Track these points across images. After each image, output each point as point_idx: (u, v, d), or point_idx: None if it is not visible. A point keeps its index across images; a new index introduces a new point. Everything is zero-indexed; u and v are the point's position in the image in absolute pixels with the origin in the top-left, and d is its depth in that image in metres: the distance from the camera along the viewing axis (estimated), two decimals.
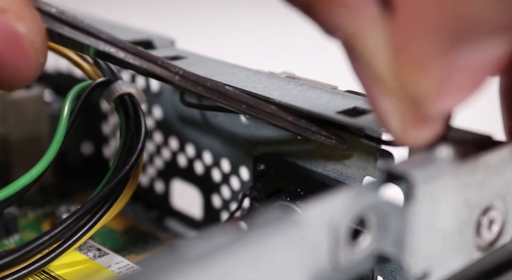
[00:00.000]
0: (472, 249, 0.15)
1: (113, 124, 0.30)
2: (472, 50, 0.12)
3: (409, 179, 0.13)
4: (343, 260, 0.13)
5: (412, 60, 0.12)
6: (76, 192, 0.29)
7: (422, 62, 0.12)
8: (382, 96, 0.13)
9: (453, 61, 0.12)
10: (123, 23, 0.27)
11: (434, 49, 0.11)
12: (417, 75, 0.12)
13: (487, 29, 0.11)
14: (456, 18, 0.11)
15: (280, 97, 0.19)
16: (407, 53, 0.12)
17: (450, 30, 0.11)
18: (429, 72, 0.12)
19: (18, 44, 0.15)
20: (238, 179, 0.25)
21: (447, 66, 0.12)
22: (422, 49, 0.12)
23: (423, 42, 0.11)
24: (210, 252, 0.11)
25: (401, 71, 0.12)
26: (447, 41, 0.11)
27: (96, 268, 0.21)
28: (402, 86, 0.12)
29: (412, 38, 0.12)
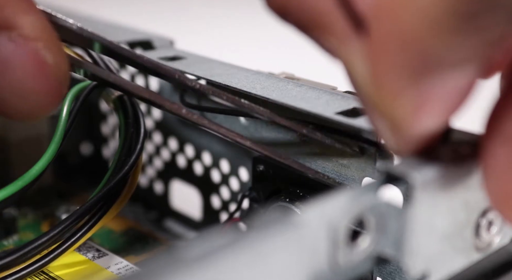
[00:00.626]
0: (471, 250, 0.15)
1: (112, 125, 0.30)
2: (439, 81, 0.12)
3: (408, 180, 0.13)
4: (342, 261, 0.13)
5: (386, 88, 0.12)
6: (75, 192, 0.29)
7: (395, 90, 0.12)
8: (373, 114, 0.13)
9: (424, 89, 0.12)
10: (123, 23, 0.27)
11: (404, 80, 0.12)
12: (392, 101, 0.13)
13: (449, 62, 0.12)
14: (419, 54, 0.12)
15: (279, 98, 0.19)
16: (381, 82, 0.12)
17: (415, 63, 0.12)
18: (402, 99, 0.12)
19: (45, 73, 0.15)
20: (237, 179, 0.25)
21: (418, 95, 0.12)
22: (393, 80, 0.12)
23: (393, 73, 0.12)
24: (208, 253, 0.11)
25: (379, 97, 0.13)
26: (414, 73, 0.12)
27: (95, 269, 0.21)
28: (383, 107, 0.13)
29: (384, 69, 0.12)
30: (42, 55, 0.15)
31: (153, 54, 0.23)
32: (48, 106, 0.15)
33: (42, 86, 0.15)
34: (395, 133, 0.13)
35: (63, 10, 0.30)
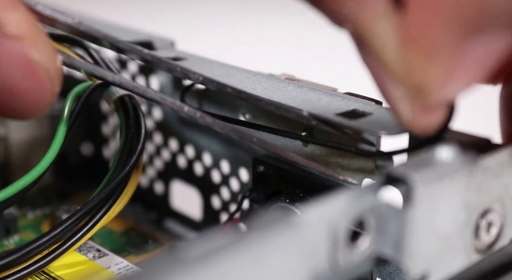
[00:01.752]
0: (470, 251, 0.15)
1: (113, 125, 0.30)
2: (483, 41, 0.12)
3: (408, 182, 0.13)
4: (342, 262, 0.13)
5: (422, 47, 0.12)
6: (76, 192, 0.29)
7: (432, 50, 0.12)
8: (390, 84, 0.13)
9: (463, 50, 0.12)
10: (123, 24, 0.27)
11: (447, 37, 0.12)
12: (426, 62, 0.12)
13: (503, 21, 0.11)
14: (475, 9, 0.11)
15: (279, 99, 0.19)
16: (418, 40, 0.12)
17: (467, 20, 0.11)
18: (438, 60, 0.12)
19: (33, 71, 0.15)
20: (237, 180, 0.25)
21: (456, 55, 0.12)
22: (434, 37, 0.12)
23: (437, 30, 0.12)
24: (208, 254, 0.11)
25: (410, 58, 0.12)
26: (462, 30, 0.11)
27: (96, 269, 0.21)
28: (410, 73, 0.12)
29: (425, 26, 0.12)
30: (28, 53, 0.14)
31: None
32: (42, 104, 0.15)
33: (32, 85, 0.15)
34: (418, 100, 0.13)
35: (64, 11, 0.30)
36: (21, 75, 0.14)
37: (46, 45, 0.15)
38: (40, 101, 0.15)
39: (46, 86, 0.15)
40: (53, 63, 0.15)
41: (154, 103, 0.27)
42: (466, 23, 0.11)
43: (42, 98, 0.15)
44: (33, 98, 0.15)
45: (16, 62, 0.14)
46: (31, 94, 0.15)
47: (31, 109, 0.15)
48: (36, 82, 0.15)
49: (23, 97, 0.15)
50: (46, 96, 0.15)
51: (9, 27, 0.14)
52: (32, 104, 0.15)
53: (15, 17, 0.14)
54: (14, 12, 0.14)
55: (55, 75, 0.15)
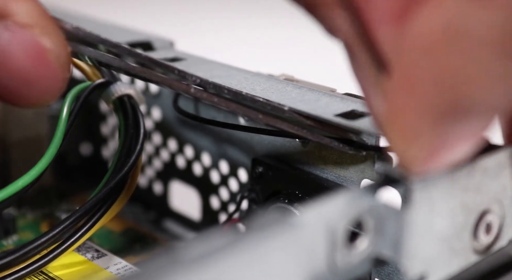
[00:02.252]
0: (469, 252, 0.15)
1: (112, 125, 0.30)
2: (462, 125, 0.12)
3: (407, 183, 0.13)
4: (340, 263, 0.13)
5: (401, 128, 0.12)
6: (75, 192, 0.29)
7: (411, 133, 0.12)
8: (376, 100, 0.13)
9: (443, 134, 0.12)
10: (122, 24, 0.27)
11: (425, 123, 0.11)
12: (405, 143, 0.12)
13: (482, 109, 0.11)
14: (453, 98, 0.11)
15: (278, 100, 0.19)
16: (397, 121, 0.12)
17: (445, 107, 0.11)
18: (417, 143, 0.12)
19: (44, 59, 0.15)
20: (236, 180, 0.25)
21: (436, 140, 0.12)
22: (413, 121, 0.12)
23: (415, 114, 0.11)
24: (207, 254, 0.11)
25: (390, 133, 0.12)
26: (440, 117, 0.11)
27: (94, 269, 0.21)
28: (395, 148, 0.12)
29: (405, 108, 0.11)
30: (40, 41, 0.15)
31: (153, 55, 0.23)
32: (53, 90, 0.15)
33: (44, 72, 0.15)
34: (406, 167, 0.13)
35: (64, 11, 0.30)
36: (34, 63, 0.15)
37: (56, 33, 0.15)
38: (52, 88, 0.15)
39: (57, 72, 0.15)
40: (64, 50, 0.15)
41: (153, 103, 0.27)
42: (443, 111, 0.11)
43: (53, 84, 0.15)
44: (45, 85, 0.15)
45: (28, 50, 0.15)
46: (43, 81, 0.15)
47: (43, 96, 0.15)
48: (47, 69, 0.15)
49: (35, 84, 0.15)
50: (57, 82, 0.15)
51: (20, 16, 0.14)
52: (44, 91, 0.15)
53: (25, 6, 0.15)
54: (24, 2, 0.15)
55: (66, 62, 0.15)
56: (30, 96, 0.15)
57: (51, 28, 0.15)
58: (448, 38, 0.10)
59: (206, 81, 0.18)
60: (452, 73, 0.11)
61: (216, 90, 0.18)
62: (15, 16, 0.14)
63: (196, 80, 0.18)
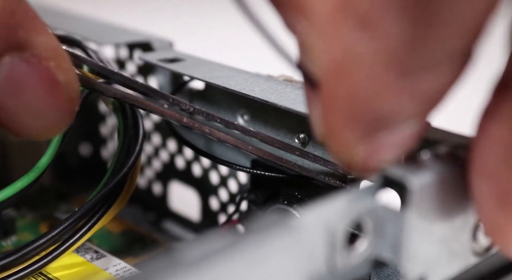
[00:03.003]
0: (468, 254, 0.15)
1: (111, 126, 0.30)
2: (388, 132, 0.13)
3: (406, 184, 0.13)
4: (340, 265, 0.13)
5: (336, 141, 0.13)
6: (75, 193, 0.29)
7: (346, 145, 0.13)
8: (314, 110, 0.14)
9: (374, 141, 0.13)
10: (122, 25, 0.27)
11: (354, 135, 0.13)
12: (342, 150, 0.13)
13: (400, 119, 0.13)
14: (369, 111, 0.12)
15: (277, 101, 0.19)
16: (332, 135, 0.13)
17: (366, 120, 0.13)
18: (353, 151, 0.13)
19: (57, 92, 0.15)
20: (236, 181, 0.25)
21: (369, 146, 0.13)
22: (344, 135, 0.13)
23: (344, 129, 0.13)
24: (206, 256, 0.11)
25: (330, 146, 0.14)
26: (366, 129, 0.13)
27: (94, 270, 0.21)
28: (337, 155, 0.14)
29: (334, 124, 0.13)
30: (54, 74, 0.15)
31: (152, 56, 0.24)
32: (60, 124, 0.16)
33: (54, 105, 0.15)
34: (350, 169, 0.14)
35: (64, 11, 0.30)
36: (46, 96, 0.15)
37: (69, 67, 0.16)
38: (60, 122, 0.16)
39: (67, 107, 0.16)
40: (75, 85, 0.16)
41: None
42: (365, 123, 0.13)
43: (62, 118, 0.16)
44: (54, 118, 0.16)
45: (42, 83, 0.15)
46: (53, 114, 0.15)
47: (51, 129, 0.16)
48: (58, 103, 0.15)
49: (45, 117, 0.15)
50: (66, 117, 0.16)
51: (38, 50, 0.15)
52: (52, 124, 0.16)
53: (43, 40, 0.15)
54: (43, 35, 0.15)
55: (76, 97, 0.16)
56: (37, 128, 0.15)
57: (65, 62, 0.16)
58: (346, 60, 0.12)
59: (199, 110, 0.18)
60: (360, 90, 0.12)
61: (208, 118, 0.18)
62: (34, 49, 0.15)
63: (190, 108, 0.18)
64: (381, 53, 0.12)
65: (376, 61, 0.12)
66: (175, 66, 0.22)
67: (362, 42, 0.12)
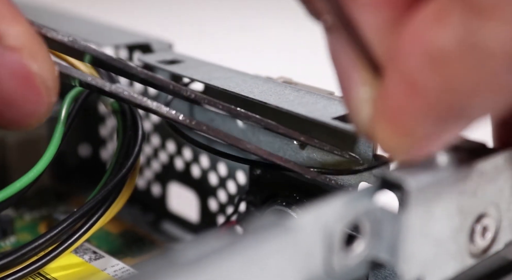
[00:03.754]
0: (465, 255, 0.15)
1: (111, 127, 0.30)
2: (453, 125, 0.13)
3: (403, 186, 0.13)
4: (337, 266, 0.13)
5: (396, 124, 0.13)
6: (73, 194, 0.29)
7: (405, 129, 0.13)
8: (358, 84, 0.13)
9: (434, 132, 0.13)
10: (122, 26, 0.27)
11: (422, 122, 0.12)
12: (394, 136, 0.13)
13: (477, 113, 0.12)
14: (455, 104, 0.12)
15: (276, 102, 0.19)
16: (394, 117, 0.13)
17: (444, 110, 0.12)
18: (408, 139, 0.13)
19: (30, 82, 0.15)
20: (234, 183, 0.25)
21: (427, 136, 0.13)
22: (411, 120, 0.12)
23: (414, 114, 0.12)
24: (204, 257, 0.11)
25: (382, 126, 0.13)
26: (436, 118, 0.12)
27: (92, 271, 0.21)
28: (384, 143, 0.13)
29: (404, 108, 0.12)
30: (27, 64, 0.15)
31: (152, 58, 0.24)
32: (38, 115, 0.15)
33: (28, 96, 0.15)
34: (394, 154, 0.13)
35: (64, 13, 0.30)
36: (19, 86, 0.15)
37: (44, 57, 0.15)
38: (36, 112, 0.15)
39: (43, 97, 0.15)
40: (51, 75, 0.15)
41: None
42: (440, 114, 0.12)
43: (38, 109, 0.15)
44: (30, 109, 0.15)
45: (15, 73, 0.15)
46: (28, 105, 0.15)
47: (27, 120, 0.15)
48: (33, 94, 0.15)
49: (19, 108, 0.15)
50: (42, 107, 0.15)
51: (9, 39, 0.14)
52: (28, 115, 0.15)
53: (15, 29, 0.15)
54: (15, 24, 0.15)
55: (52, 87, 0.15)
56: (14, 119, 0.15)
57: (40, 52, 0.15)
58: (461, 51, 0.11)
59: (200, 96, 0.18)
60: (460, 82, 0.12)
61: (210, 104, 0.18)
62: (5, 38, 0.14)
63: (191, 95, 0.18)
64: (505, 42, 0.11)
65: (496, 53, 0.11)
66: (174, 68, 0.22)
67: (484, 28, 0.11)
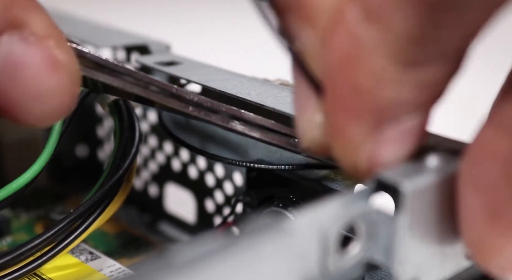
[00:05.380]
0: (460, 257, 0.15)
1: (108, 128, 0.30)
2: (393, 125, 0.13)
3: (399, 188, 0.13)
4: (332, 268, 0.13)
5: (342, 138, 0.13)
6: (70, 194, 0.29)
7: (351, 141, 0.13)
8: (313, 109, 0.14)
9: (379, 136, 0.13)
10: (120, 27, 0.27)
11: (360, 130, 0.13)
12: (348, 149, 0.13)
13: (402, 109, 0.13)
14: (372, 102, 0.13)
15: (273, 105, 0.19)
16: (337, 133, 0.13)
17: (373, 113, 0.13)
18: (359, 149, 0.13)
19: (59, 73, 0.14)
20: (231, 184, 0.25)
21: (374, 142, 0.13)
22: (350, 131, 0.13)
23: (350, 124, 0.13)
24: (199, 258, 0.11)
25: (332, 142, 0.14)
26: (369, 122, 0.13)
27: (88, 271, 0.21)
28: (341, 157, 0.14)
29: (340, 120, 0.13)
30: (54, 53, 0.14)
31: (150, 59, 0.24)
32: (62, 109, 0.15)
33: (57, 88, 0.14)
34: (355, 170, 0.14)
35: (62, 14, 0.30)
36: (47, 77, 0.14)
37: (68, 47, 0.15)
38: (63, 106, 0.15)
39: (69, 87, 0.14)
40: (75, 64, 0.15)
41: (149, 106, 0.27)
42: (372, 116, 0.13)
43: (65, 102, 0.15)
44: (56, 100, 0.14)
45: (43, 63, 0.14)
46: (55, 96, 0.14)
47: (51, 113, 0.15)
48: (60, 83, 0.14)
49: (46, 99, 0.14)
50: (68, 97, 0.15)
51: (36, 28, 0.14)
52: (55, 109, 0.15)
53: (40, 19, 0.14)
54: (39, 14, 0.14)
55: (76, 77, 0.15)
56: (38, 112, 0.14)
57: (64, 42, 0.15)
58: (351, 52, 0.12)
59: (203, 100, 0.18)
60: (363, 82, 0.13)
61: (213, 108, 0.18)
62: (32, 27, 0.14)
63: (194, 98, 0.18)
64: (386, 44, 0.12)
65: (380, 52, 0.12)
66: (172, 70, 0.22)
67: (368, 33, 0.12)
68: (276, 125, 0.19)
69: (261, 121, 0.19)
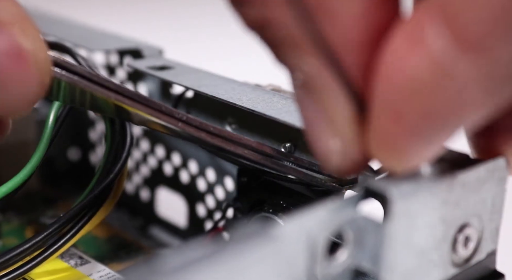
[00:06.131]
0: (447, 265, 0.15)
1: (100, 131, 0.30)
2: (436, 141, 0.13)
3: (387, 196, 0.13)
4: (320, 275, 0.13)
5: (389, 148, 0.13)
6: (62, 198, 0.28)
7: (397, 151, 0.13)
8: (328, 136, 0.14)
9: (423, 149, 0.13)
10: (112, 31, 0.27)
11: (411, 142, 0.13)
12: (388, 155, 0.13)
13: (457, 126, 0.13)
14: (436, 124, 0.12)
15: (264, 110, 0.19)
16: (385, 142, 0.13)
17: (426, 132, 0.12)
18: (402, 158, 0.13)
19: (22, 60, 0.13)
20: (223, 189, 0.25)
21: (420, 152, 0.13)
22: (400, 143, 0.13)
23: (402, 137, 0.13)
24: (187, 265, 0.11)
25: (370, 145, 0.13)
26: (423, 137, 0.13)
27: (77, 276, 0.21)
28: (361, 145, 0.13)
29: (392, 133, 0.13)
30: (18, 41, 0.13)
31: (142, 63, 0.24)
32: (30, 99, 0.14)
33: (22, 77, 0.13)
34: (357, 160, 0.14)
35: (55, 17, 0.30)
36: (10, 65, 0.13)
37: (35, 34, 0.14)
38: (30, 95, 0.14)
39: (35, 76, 0.14)
40: (43, 53, 0.14)
41: None
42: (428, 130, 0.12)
43: (31, 90, 0.14)
44: (22, 89, 0.14)
45: (5, 50, 0.13)
46: (20, 85, 0.13)
47: (19, 104, 0.14)
48: (25, 72, 0.13)
49: (10, 89, 0.13)
50: (35, 87, 0.14)
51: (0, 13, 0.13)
52: (21, 97, 0.14)
53: (3, 4, 0.13)
54: (3, 0, 0.14)
55: (45, 66, 0.14)
56: (4, 102, 0.14)
57: (31, 28, 0.14)
58: (437, 79, 0.12)
59: (192, 119, 0.18)
60: (439, 106, 0.12)
61: (202, 126, 0.18)
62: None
63: (183, 117, 0.18)
64: (484, 78, 0.11)
65: (475, 85, 0.11)
66: (164, 74, 0.22)
67: (461, 64, 0.11)
68: (261, 145, 0.19)
69: (248, 141, 0.19)
